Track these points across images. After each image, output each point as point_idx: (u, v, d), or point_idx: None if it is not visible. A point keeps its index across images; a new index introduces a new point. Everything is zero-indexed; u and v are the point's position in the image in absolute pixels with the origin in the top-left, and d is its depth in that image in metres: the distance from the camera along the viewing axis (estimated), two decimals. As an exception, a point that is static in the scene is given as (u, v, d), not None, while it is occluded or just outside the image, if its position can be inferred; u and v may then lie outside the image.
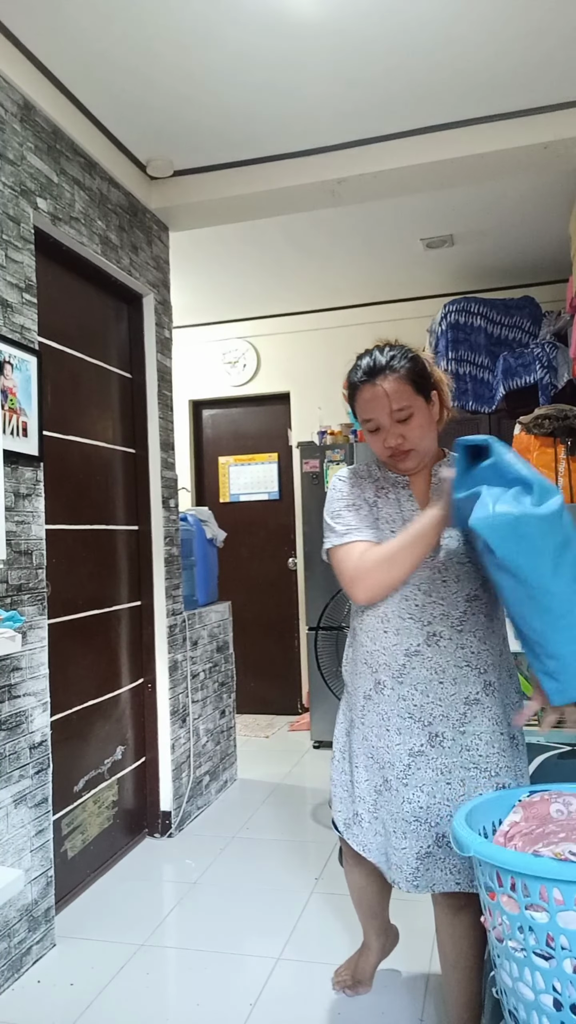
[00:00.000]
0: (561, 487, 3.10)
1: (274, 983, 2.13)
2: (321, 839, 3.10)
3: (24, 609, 2.30)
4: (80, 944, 2.37)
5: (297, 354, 5.33)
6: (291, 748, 4.45)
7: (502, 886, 1.16)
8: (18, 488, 2.31)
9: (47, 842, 2.36)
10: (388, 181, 3.13)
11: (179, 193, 3.27)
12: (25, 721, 2.28)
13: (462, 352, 4.28)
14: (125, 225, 3.09)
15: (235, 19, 2.31)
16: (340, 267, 4.48)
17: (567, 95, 2.78)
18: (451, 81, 2.66)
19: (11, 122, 2.36)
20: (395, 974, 2.15)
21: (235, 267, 4.40)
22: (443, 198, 3.58)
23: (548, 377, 3.94)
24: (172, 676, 3.26)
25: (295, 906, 2.56)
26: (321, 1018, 1.97)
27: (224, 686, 3.85)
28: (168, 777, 3.20)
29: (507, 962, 1.18)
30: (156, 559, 3.26)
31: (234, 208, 3.32)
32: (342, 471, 1.86)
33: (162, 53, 2.45)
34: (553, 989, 1.12)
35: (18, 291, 2.35)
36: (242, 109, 2.77)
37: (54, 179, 2.58)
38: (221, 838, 3.16)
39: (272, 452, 5.46)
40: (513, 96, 2.77)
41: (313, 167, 3.11)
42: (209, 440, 5.62)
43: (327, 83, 2.64)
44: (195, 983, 2.15)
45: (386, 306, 5.12)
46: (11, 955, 2.18)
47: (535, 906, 1.11)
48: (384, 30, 2.38)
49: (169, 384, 3.44)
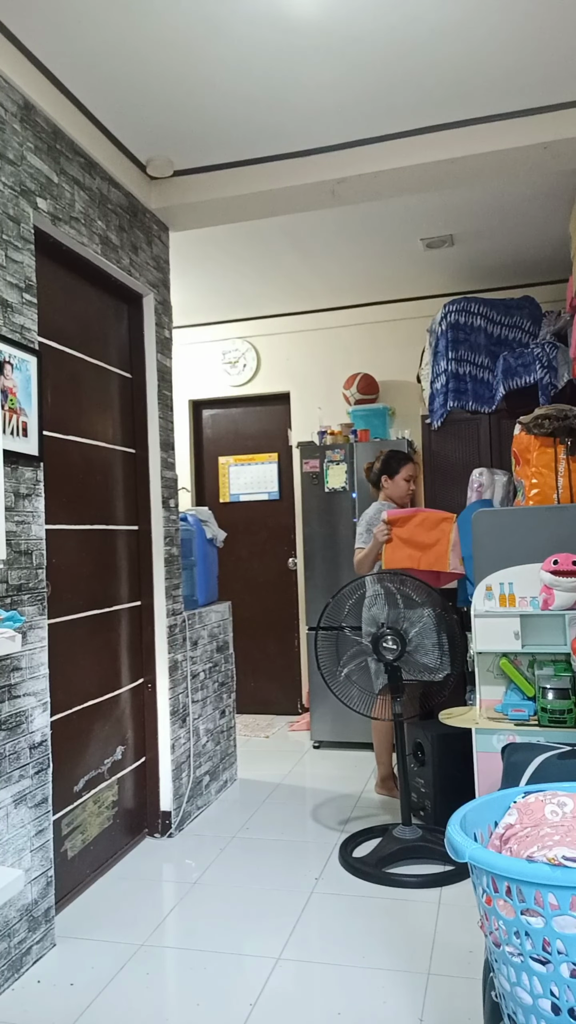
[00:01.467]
0: (561, 487, 3.10)
1: (274, 983, 2.14)
2: (321, 839, 3.11)
3: (24, 609, 2.31)
4: (80, 944, 2.38)
5: (297, 354, 5.33)
6: (291, 748, 4.46)
7: (498, 891, 1.16)
8: (18, 488, 2.31)
9: (47, 842, 2.37)
10: (388, 181, 3.13)
11: (179, 193, 3.27)
12: (25, 721, 2.28)
13: (462, 352, 4.28)
14: (125, 225, 3.09)
15: (235, 19, 2.31)
16: (340, 267, 4.48)
17: (567, 95, 2.78)
18: (451, 81, 2.65)
19: (11, 122, 2.36)
20: (395, 974, 2.15)
21: (235, 267, 4.40)
22: (443, 198, 3.58)
23: (548, 377, 3.94)
24: (172, 676, 3.27)
25: (295, 906, 2.57)
26: (321, 1018, 1.97)
27: (224, 686, 3.85)
28: (168, 777, 3.21)
29: (505, 967, 1.18)
30: (156, 559, 3.27)
31: (234, 208, 3.32)
32: (379, 503, 3.67)
33: (162, 53, 2.45)
34: (551, 993, 1.12)
35: (18, 291, 2.36)
36: (242, 109, 2.77)
37: (54, 179, 2.58)
38: (221, 838, 3.16)
39: (272, 452, 5.46)
40: (513, 96, 2.77)
41: (313, 167, 3.11)
42: (209, 440, 5.62)
43: (327, 83, 2.64)
44: (195, 983, 2.15)
45: (386, 306, 5.12)
46: (11, 955, 2.18)
47: (531, 911, 1.12)
48: (384, 30, 2.38)
49: (169, 384, 3.44)
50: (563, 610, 2.67)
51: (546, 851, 1.18)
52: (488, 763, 2.67)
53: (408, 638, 2.97)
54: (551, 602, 2.67)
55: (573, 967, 1.10)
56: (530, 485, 3.16)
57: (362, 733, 4.35)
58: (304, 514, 4.59)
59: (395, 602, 3.22)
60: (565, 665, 2.71)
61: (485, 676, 2.85)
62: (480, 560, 2.89)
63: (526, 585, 2.77)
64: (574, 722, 2.59)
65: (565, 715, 2.59)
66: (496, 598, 2.80)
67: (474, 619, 2.79)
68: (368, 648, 3.04)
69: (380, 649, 2.97)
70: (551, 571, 2.64)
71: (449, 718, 2.89)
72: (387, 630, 2.97)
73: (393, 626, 2.99)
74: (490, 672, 2.85)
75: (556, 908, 1.09)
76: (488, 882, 1.18)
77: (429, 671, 3.03)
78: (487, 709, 2.83)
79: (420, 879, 2.69)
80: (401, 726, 3.05)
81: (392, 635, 2.95)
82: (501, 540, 2.87)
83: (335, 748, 4.45)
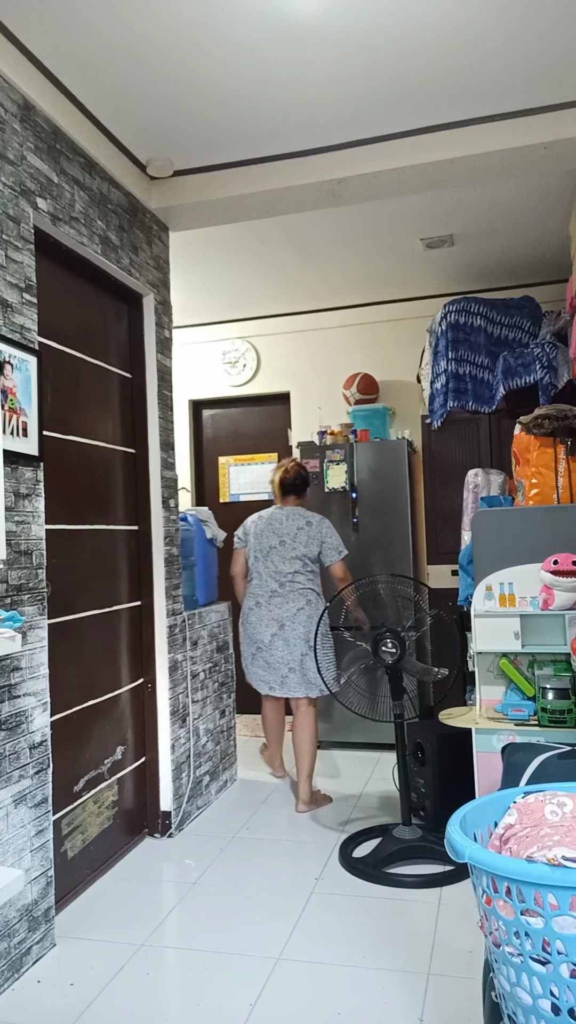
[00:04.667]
0: (561, 487, 3.10)
1: (274, 983, 2.14)
2: (321, 839, 3.11)
3: (24, 609, 2.31)
4: (80, 944, 2.38)
5: (297, 354, 5.33)
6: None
7: (497, 892, 1.16)
8: (18, 488, 2.31)
9: (47, 842, 2.37)
10: (388, 181, 3.13)
11: (179, 193, 3.27)
12: (25, 721, 2.28)
13: (462, 352, 4.28)
14: (125, 225, 3.09)
15: (235, 19, 2.31)
16: (340, 267, 4.48)
17: (567, 95, 2.78)
18: (451, 81, 2.65)
19: (11, 122, 2.36)
20: (395, 974, 2.15)
21: (235, 267, 4.40)
22: (443, 198, 3.58)
23: (548, 377, 3.94)
24: (172, 676, 3.27)
25: (295, 906, 2.57)
26: (321, 1018, 1.97)
27: (224, 686, 3.85)
28: (168, 777, 3.21)
29: (505, 967, 1.18)
30: (156, 559, 3.27)
31: (234, 208, 3.32)
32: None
33: (162, 53, 2.45)
34: (550, 994, 1.12)
35: (18, 291, 2.36)
36: (242, 109, 2.77)
37: (54, 179, 2.58)
38: (221, 838, 3.16)
39: (272, 452, 5.46)
40: (513, 96, 2.77)
41: (313, 167, 3.11)
42: (209, 440, 5.62)
43: (327, 83, 2.64)
44: (195, 983, 2.15)
45: (386, 306, 5.12)
46: (11, 955, 2.18)
47: (530, 911, 1.12)
48: (384, 30, 2.38)
49: (169, 384, 3.44)
50: (563, 610, 2.67)
51: (546, 851, 1.18)
52: (488, 763, 2.67)
53: (407, 641, 2.97)
54: (551, 602, 2.67)
55: (573, 967, 1.10)
56: (530, 485, 3.16)
57: (362, 733, 4.35)
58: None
59: (394, 603, 3.22)
60: (565, 665, 2.72)
61: (485, 676, 2.86)
62: (480, 560, 2.89)
63: (526, 585, 2.77)
64: (574, 722, 2.59)
65: (565, 715, 2.59)
66: (496, 598, 2.80)
67: (474, 619, 2.79)
68: (367, 651, 3.04)
69: (379, 652, 2.97)
70: (551, 571, 2.65)
71: (449, 718, 2.89)
72: (386, 632, 2.97)
73: (392, 628, 2.99)
74: (490, 672, 2.85)
75: (556, 908, 1.09)
76: (488, 882, 1.18)
77: (427, 672, 3.03)
78: (487, 709, 2.84)
79: (420, 879, 2.69)
80: (401, 726, 3.05)
81: (391, 637, 2.95)
82: (501, 540, 2.87)
83: (335, 748, 4.45)
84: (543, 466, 3.14)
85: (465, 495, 3.89)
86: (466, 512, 3.86)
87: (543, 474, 3.13)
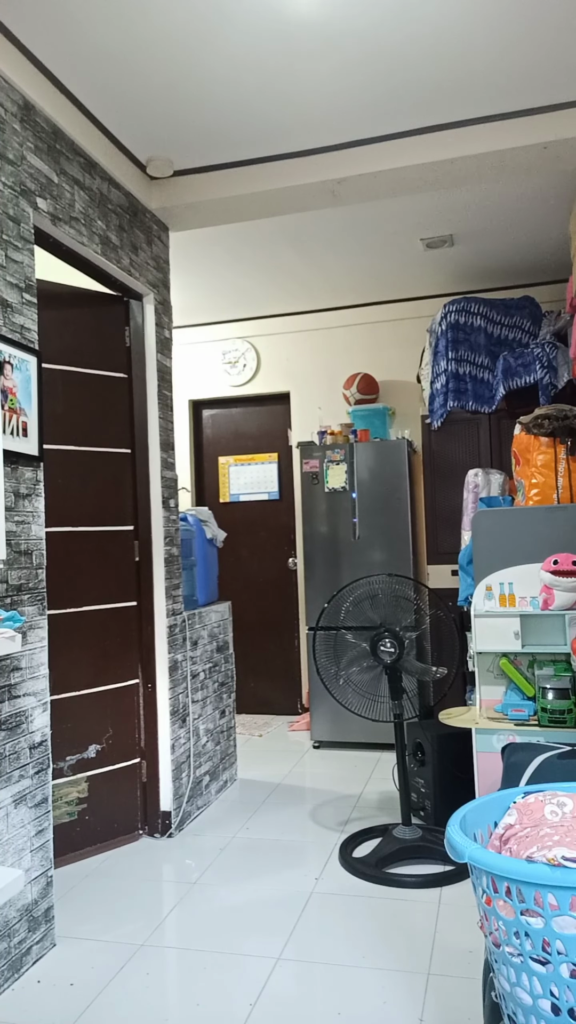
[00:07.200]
0: (561, 487, 3.10)
1: (274, 983, 2.14)
2: (321, 839, 3.11)
3: (24, 609, 2.31)
4: (80, 944, 2.38)
5: (297, 354, 5.33)
6: (291, 748, 4.46)
7: (497, 892, 1.16)
8: (18, 488, 2.31)
9: (47, 842, 2.37)
10: (388, 181, 3.13)
11: (179, 193, 3.27)
12: (25, 721, 2.28)
13: (462, 352, 4.28)
14: (125, 225, 3.08)
15: (235, 19, 2.31)
16: (340, 267, 4.48)
17: (567, 95, 2.78)
18: (451, 81, 2.65)
19: (11, 122, 2.36)
20: (395, 974, 2.15)
21: (235, 267, 4.40)
22: (443, 198, 3.58)
23: (548, 377, 3.94)
24: (172, 676, 3.27)
25: (295, 906, 2.57)
26: (321, 1018, 1.97)
27: (224, 686, 3.85)
28: (168, 777, 3.21)
29: (505, 967, 1.18)
30: (156, 559, 3.27)
31: (234, 208, 3.32)
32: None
33: (162, 53, 2.45)
34: (550, 994, 1.12)
35: (18, 291, 2.36)
36: (242, 109, 2.77)
37: (54, 179, 2.58)
38: (221, 838, 3.16)
39: (272, 452, 5.46)
40: (513, 96, 2.77)
41: (313, 167, 3.11)
42: (209, 440, 5.62)
43: (327, 83, 2.64)
44: (195, 983, 2.15)
45: (386, 306, 5.12)
46: (11, 955, 2.18)
47: (530, 911, 1.12)
48: (384, 30, 2.38)
49: (169, 384, 3.44)
50: (563, 610, 2.67)
51: (546, 851, 1.18)
52: (488, 763, 2.67)
53: (405, 640, 2.97)
54: (551, 602, 2.67)
55: (573, 967, 1.10)
56: (530, 485, 3.16)
57: (362, 733, 4.35)
58: (304, 514, 4.59)
59: (392, 603, 3.22)
60: (565, 665, 2.71)
61: (485, 676, 2.86)
62: (480, 560, 2.89)
63: (526, 585, 2.77)
64: (574, 722, 2.59)
65: (565, 715, 2.59)
66: (496, 598, 2.80)
67: (474, 619, 2.79)
68: (366, 650, 3.04)
69: (378, 652, 2.97)
70: (551, 571, 2.65)
71: (449, 718, 2.89)
72: (385, 632, 2.97)
73: (391, 628, 2.99)
74: (490, 672, 2.85)
75: (556, 908, 1.09)
76: (488, 882, 1.18)
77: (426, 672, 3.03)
78: (487, 709, 2.83)
79: (420, 879, 2.69)
80: (401, 726, 3.05)
81: (390, 637, 2.95)
82: (501, 540, 2.87)
83: (335, 748, 4.45)
84: (543, 466, 3.14)
85: (465, 495, 3.89)
86: (466, 512, 3.86)
87: (543, 474, 3.14)
